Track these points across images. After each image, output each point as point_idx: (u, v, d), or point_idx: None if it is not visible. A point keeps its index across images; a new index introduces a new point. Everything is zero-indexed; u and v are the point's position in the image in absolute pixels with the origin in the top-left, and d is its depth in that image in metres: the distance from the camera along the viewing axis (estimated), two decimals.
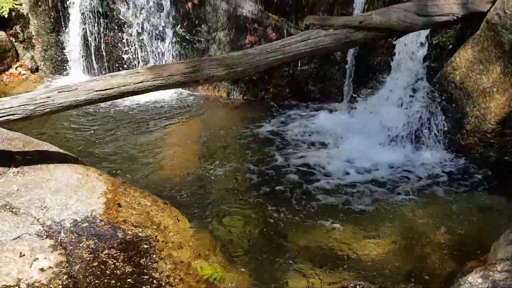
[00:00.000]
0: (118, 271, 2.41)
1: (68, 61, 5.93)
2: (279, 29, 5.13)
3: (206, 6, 5.34)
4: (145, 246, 2.62)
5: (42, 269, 2.26)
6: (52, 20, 5.78)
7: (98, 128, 4.75)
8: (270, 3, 5.11)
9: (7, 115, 2.77)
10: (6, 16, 5.63)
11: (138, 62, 5.72)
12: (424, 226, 3.38)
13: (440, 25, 3.81)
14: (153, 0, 5.45)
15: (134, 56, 5.71)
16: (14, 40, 5.93)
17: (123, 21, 5.60)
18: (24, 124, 3.94)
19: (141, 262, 2.51)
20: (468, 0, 3.72)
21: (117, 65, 5.79)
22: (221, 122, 4.96)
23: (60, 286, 2.23)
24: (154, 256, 2.59)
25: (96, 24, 5.64)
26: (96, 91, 2.99)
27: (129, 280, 2.38)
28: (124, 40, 5.68)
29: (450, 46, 4.37)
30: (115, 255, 2.49)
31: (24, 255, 2.30)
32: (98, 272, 2.37)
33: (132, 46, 5.68)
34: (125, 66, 5.74)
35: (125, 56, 5.73)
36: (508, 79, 3.59)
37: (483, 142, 3.86)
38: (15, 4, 5.70)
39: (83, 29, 5.67)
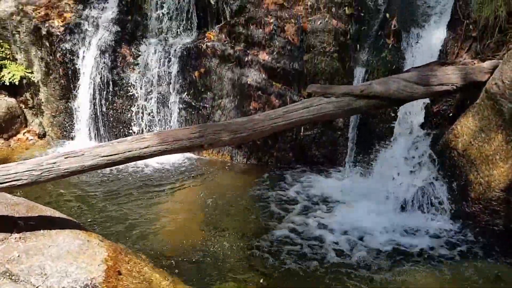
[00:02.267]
0: None
1: (75, 127, 6.04)
2: (282, 96, 5.26)
3: (212, 75, 5.51)
4: None
5: None
6: (62, 87, 5.95)
7: (102, 192, 4.75)
8: (274, 72, 5.28)
9: (13, 181, 2.79)
10: (17, 83, 5.80)
11: (145, 128, 5.82)
12: None
13: (439, 94, 3.91)
14: (161, 69, 5.65)
15: (141, 122, 5.82)
16: (23, 107, 6.08)
17: (131, 88, 5.76)
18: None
19: None
20: (466, 70, 3.85)
21: (124, 131, 5.89)
22: (224, 187, 4.94)
23: None
24: None
25: (105, 92, 5.80)
26: (102, 156, 3.02)
27: None
28: (132, 107, 5.81)
29: (451, 114, 4.45)
30: None
31: None
32: None
33: (139, 113, 5.80)
34: (132, 131, 5.84)
35: (132, 122, 5.84)
36: (511, 147, 3.61)
37: (488, 210, 3.81)
38: (27, 72, 5.90)
39: (92, 96, 5.82)
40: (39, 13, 5.88)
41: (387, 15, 5.17)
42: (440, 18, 4.90)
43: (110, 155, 3.03)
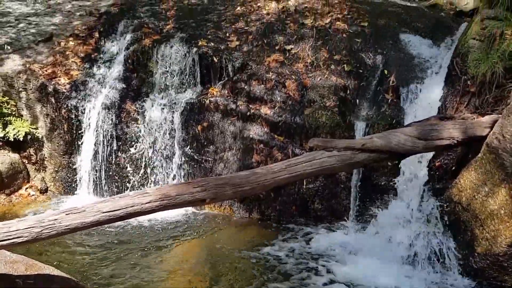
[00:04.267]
0: None
1: (78, 182, 6.02)
2: (284, 149, 5.29)
3: (214, 129, 5.58)
4: None
5: None
6: (66, 143, 5.99)
7: (100, 249, 4.66)
8: (275, 126, 5.34)
9: (13, 238, 2.76)
10: (21, 139, 5.85)
11: (148, 182, 5.81)
12: None
13: (440, 148, 3.94)
14: (165, 124, 5.72)
15: (144, 176, 5.82)
16: (26, 162, 6.08)
17: (134, 143, 5.81)
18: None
19: None
20: (466, 125, 3.89)
21: (126, 185, 5.88)
22: (225, 243, 4.81)
23: None
24: None
25: (108, 147, 5.84)
26: (104, 212, 3.00)
27: None
28: (135, 161, 5.83)
29: (453, 168, 4.45)
30: None
31: None
32: None
33: (142, 167, 5.81)
34: (134, 186, 5.82)
35: (135, 177, 5.83)
36: None
37: (496, 266, 3.73)
38: (31, 128, 5.96)
39: (95, 151, 5.85)
40: (46, 71, 6.03)
41: (385, 71, 5.31)
42: (438, 74, 5.03)
43: (111, 211, 3.02)
